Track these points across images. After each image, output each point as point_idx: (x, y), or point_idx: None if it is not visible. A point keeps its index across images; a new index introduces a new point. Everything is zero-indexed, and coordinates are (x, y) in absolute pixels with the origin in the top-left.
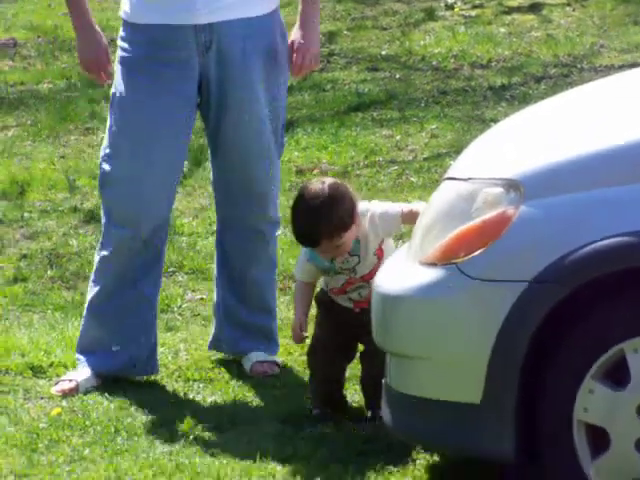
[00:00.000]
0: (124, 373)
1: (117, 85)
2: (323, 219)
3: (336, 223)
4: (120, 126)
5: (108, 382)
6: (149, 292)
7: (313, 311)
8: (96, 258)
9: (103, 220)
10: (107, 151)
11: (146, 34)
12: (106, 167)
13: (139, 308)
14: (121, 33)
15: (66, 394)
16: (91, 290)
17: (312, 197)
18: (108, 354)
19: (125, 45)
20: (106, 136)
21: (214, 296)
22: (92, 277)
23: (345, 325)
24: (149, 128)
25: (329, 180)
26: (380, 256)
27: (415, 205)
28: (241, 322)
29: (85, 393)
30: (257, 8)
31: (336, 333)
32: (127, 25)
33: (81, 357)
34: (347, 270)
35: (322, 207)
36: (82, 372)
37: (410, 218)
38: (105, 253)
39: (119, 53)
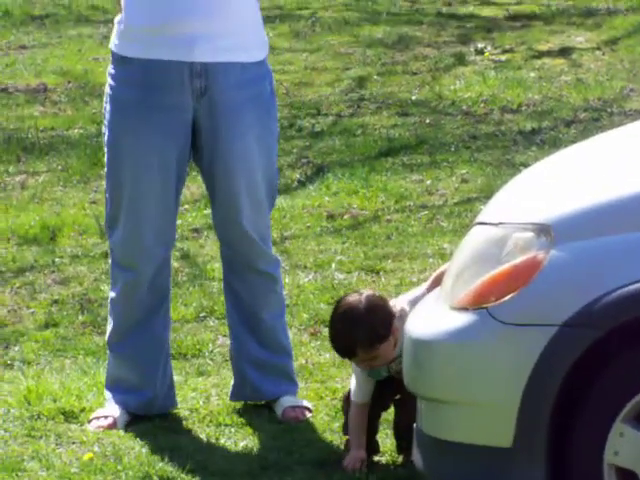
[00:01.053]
0: (144, 412)
1: (108, 126)
2: (359, 330)
3: (372, 334)
4: (114, 171)
5: (139, 426)
6: (159, 332)
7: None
8: (109, 300)
9: (110, 262)
10: (107, 195)
11: (138, 72)
12: (108, 211)
13: (150, 348)
14: (110, 69)
15: (106, 430)
16: (107, 330)
17: (349, 308)
18: (127, 393)
19: (116, 85)
20: (105, 178)
21: (230, 343)
22: (108, 318)
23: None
24: (140, 171)
25: (366, 292)
26: None
27: (435, 272)
28: (261, 364)
29: (124, 429)
30: (255, 54)
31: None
32: (118, 59)
33: (109, 394)
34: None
35: (358, 318)
36: (115, 408)
37: (435, 285)
38: (113, 295)
39: (108, 91)
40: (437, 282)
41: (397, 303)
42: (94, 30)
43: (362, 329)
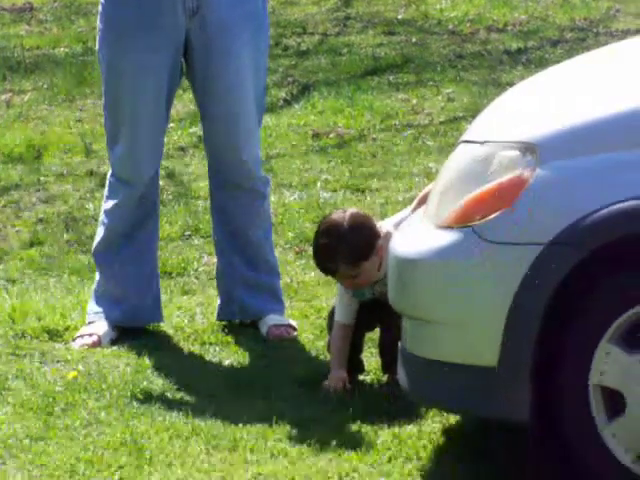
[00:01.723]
0: (129, 323)
1: (103, 46)
2: (342, 246)
3: (355, 251)
4: (110, 88)
5: (124, 344)
6: (145, 244)
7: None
8: (102, 211)
9: (109, 175)
10: (105, 112)
11: None
12: (108, 128)
13: (135, 259)
14: None
15: (90, 348)
16: (95, 241)
17: (333, 224)
18: (111, 305)
19: (108, 4)
20: (103, 95)
21: (217, 262)
22: (98, 229)
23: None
24: (136, 91)
25: (351, 210)
26: None
27: (420, 194)
28: (249, 282)
29: (108, 347)
30: None
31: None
32: None
33: (99, 310)
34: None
35: (342, 234)
36: (100, 325)
37: (420, 207)
38: (109, 206)
39: (101, 9)
40: (422, 204)
41: (383, 225)
42: None
43: (345, 245)
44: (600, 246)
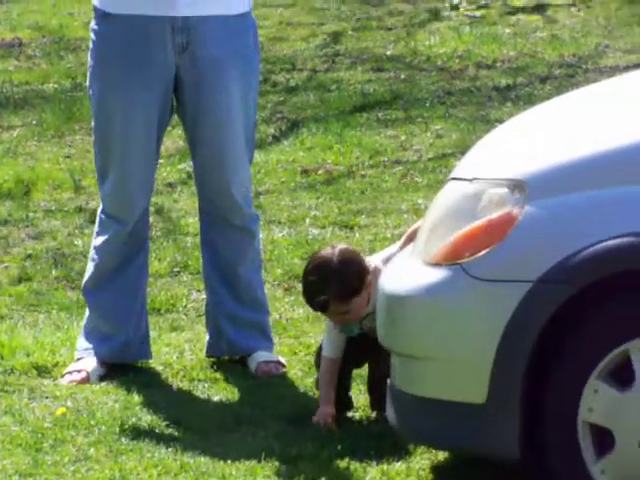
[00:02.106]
0: (118, 359)
1: (94, 82)
2: (332, 283)
3: (345, 287)
4: (100, 124)
5: (113, 381)
6: (134, 280)
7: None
8: (92, 247)
9: (99, 211)
10: (95, 148)
11: (121, 28)
12: (97, 164)
13: (124, 295)
14: (93, 25)
15: (79, 384)
16: (85, 278)
17: (322, 261)
18: (103, 341)
19: (99, 40)
20: (93, 132)
21: (206, 297)
22: (88, 265)
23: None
24: (127, 128)
25: (340, 246)
26: None
27: (408, 231)
28: (238, 319)
29: (97, 383)
30: (236, 6)
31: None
32: (100, 15)
33: (88, 346)
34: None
35: (332, 271)
36: (89, 362)
37: (408, 243)
38: (98, 243)
39: (92, 46)
40: (410, 240)
41: (371, 261)
42: None
43: (335, 282)
44: (589, 283)
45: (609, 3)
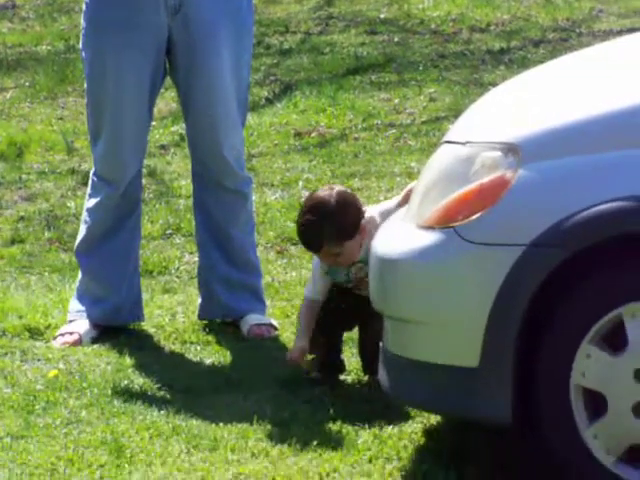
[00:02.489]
0: (110, 322)
1: (87, 45)
2: (328, 223)
3: (341, 229)
4: (93, 87)
5: (105, 343)
6: (126, 242)
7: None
8: (84, 209)
9: (91, 173)
10: (87, 110)
11: None
12: (90, 126)
13: (116, 257)
14: None
15: (71, 346)
16: (77, 240)
17: (319, 202)
18: (95, 304)
19: (92, 4)
20: (85, 94)
21: (198, 260)
22: (80, 227)
23: (345, 295)
24: (119, 90)
25: (338, 187)
26: None
27: (406, 188)
28: (231, 281)
29: (89, 345)
30: None
31: (337, 300)
32: None
33: (81, 308)
34: (362, 278)
35: (328, 212)
36: (81, 324)
37: (406, 201)
38: (91, 205)
39: (85, 9)
40: (408, 198)
41: (367, 210)
42: None
43: (331, 223)
44: (582, 247)
45: None
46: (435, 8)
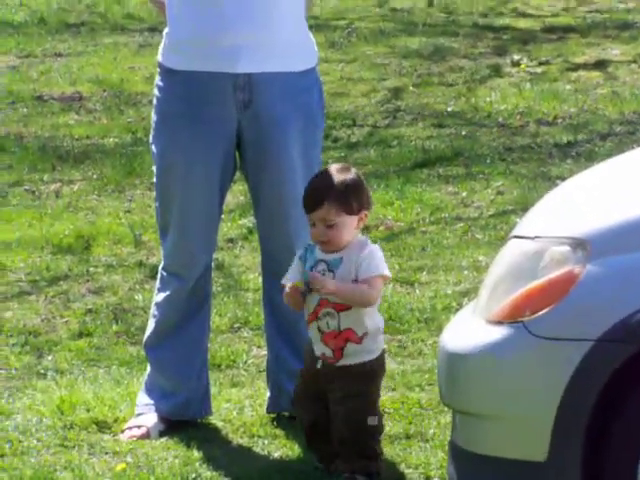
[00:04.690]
0: (178, 416)
1: (156, 138)
2: (338, 185)
3: (346, 196)
4: (162, 180)
5: (173, 436)
6: (196, 336)
7: None
8: (153, 304)
9: (161, 266)
10: (156, 204)
11: (183, 85)
12: (158, 220)
13: (186, 351)
14: (158, 81)
15: (139, 440)
16: (146, 334)
17: (344, 167)
18: (164, 397)
19: (162, 97)
20: (155, 189)
21: (267, 354)
22: (149, 321)
23: (316, 377)
24: (187, 184)
25: (357, 170)
26: None
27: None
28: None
29: (157, 439)
30: (299, 63)
31: (311, 383)
32: (164, 71)
33: (149, 401)
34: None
35: (342, 177)
36: (149, 417)
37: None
38: (159, 299)
39: (156, 102)
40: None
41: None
42: (130, 39)
43: (343, 186)
44: None
45: None
46: (502, 101)
